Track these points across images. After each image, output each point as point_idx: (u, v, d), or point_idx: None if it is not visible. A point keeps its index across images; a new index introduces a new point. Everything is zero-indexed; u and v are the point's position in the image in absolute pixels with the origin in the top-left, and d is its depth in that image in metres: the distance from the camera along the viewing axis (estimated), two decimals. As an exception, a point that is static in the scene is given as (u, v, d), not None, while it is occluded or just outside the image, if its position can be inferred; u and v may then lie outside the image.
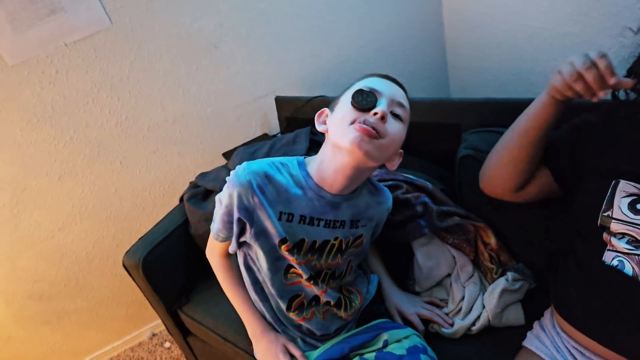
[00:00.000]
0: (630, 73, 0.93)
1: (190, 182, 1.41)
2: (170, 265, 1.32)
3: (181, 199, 1.39)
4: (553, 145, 0.96)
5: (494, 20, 1.60)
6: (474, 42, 1.73)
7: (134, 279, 1.31)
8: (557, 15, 1.40)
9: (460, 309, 1.06)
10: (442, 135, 1.30)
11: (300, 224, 0.92)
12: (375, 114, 0.84)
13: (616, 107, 0.95)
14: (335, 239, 0.95)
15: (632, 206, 0.82)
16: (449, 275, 1.12)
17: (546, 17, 1.44)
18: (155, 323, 1.87)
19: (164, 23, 1.41)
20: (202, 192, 1.36)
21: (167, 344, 1.84)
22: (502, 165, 0.98)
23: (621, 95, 0.95)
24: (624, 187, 0.84)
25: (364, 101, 0.85)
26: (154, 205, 1.62)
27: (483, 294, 1.06)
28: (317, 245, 0.93)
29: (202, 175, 1.40)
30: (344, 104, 0.88)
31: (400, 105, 0.89)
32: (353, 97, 0.85)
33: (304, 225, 0.92)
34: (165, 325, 1.43)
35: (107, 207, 1.58)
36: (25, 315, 1.61)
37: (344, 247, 0.97)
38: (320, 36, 1.66)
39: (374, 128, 0.83)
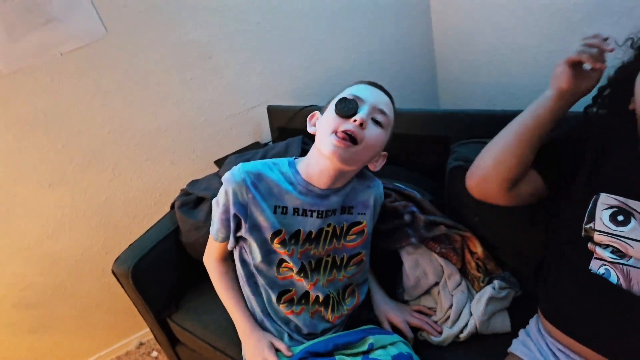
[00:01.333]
0: (610, 83, 0.97)
1: (182, 190, 1.42)
2: (160, 274, 1.32)
3: (172, 207, 1.39)
4: (545, 148, 0.98)
5: (482, 37, 1.65)
6: (463, 58, 1.78)
7: (123, 287, 1.30)
8: (543, 33, 1.45)
9: (449, 317, 1.07)
10: (431, 147, 1.33)
11: (295, 215, 0.99)
12: (355, 120, 0.91)
13: (594, 120, 0.99)
14: (329, 225, 1.02)
15: (613, 218, 0.85)
16: (437, 283, 1.13)
17: (533, 34, 1.48)
18: (143, 332, 1.85)
19: (158, 33, 1.43)
20: (193, 200, 1.36)
21: (155, 354, 1.83)
22: (497, 162, 0.97)
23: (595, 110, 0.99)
24: (605, 199, 0.86)
25: (346, 108, 0.93)
26: (145, 213, 1.62)
27: (470, 301, 1.08)
28: (313, 235, 1.01)
29: (194, 183, 1.41)
30: (330, 110, 0.96)
31: (382, 112, 0.96)
32: (336, 105, 0.94)
33: (297, 216, 0.99)
34: (153, 333, 1.42)
35: (97, 214, 1.57)
36: (11, 323, 1.59)
37: (338, 232, 1.04)
38: (314, 48, 1.69)
39: (352, 135, 0.90)
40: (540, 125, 0.94)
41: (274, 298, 1.02)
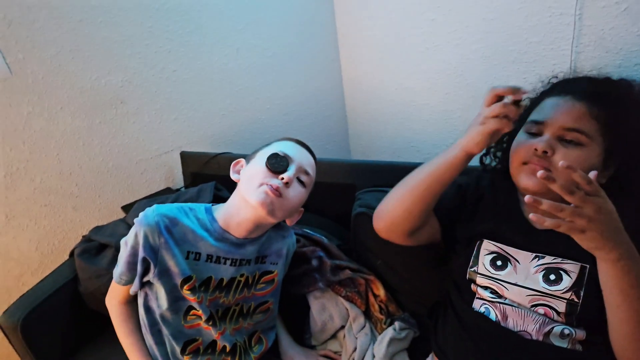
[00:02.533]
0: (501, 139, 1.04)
1: (83, 236, 1.35)
2: (54, 327, 1.22)
3: (71, 254, 1.31)
4: (442, 199, 1.01)
5: (387, 94, 1.80)
6: (371, 112, 1.91)
7: (10, 342, 1.19)
8: (438, 94, 1.62)
9: (353, 360, 1.10)
10: (340, 194, 1.39)
11: (208, 262, 0.99)
12: (282, 178, 0.96)
13: (483, 173, 1.10)
14: (242, 275, 1.03)
15: (493, 263, 0.94)
16: (343, 327, 1.16)
17: (430, 94, 1.65)
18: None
19: (68, 76, 1.39)
20: (95, 247, 1.30)
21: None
22: (406, 211, 0.98)
23: (487, 161, 1.11)
24: (487, 245, 0.96)
25: (277, 164, 0.98)
26: (40, 262, 1.50)
27: (373, 343, 1.12)
28: (224, 283, 1.01)
29: (97, 229, 1.35)
30: (259, 162, 0.99)
31: (306, 172, 1.03)
32: (268, 159, 0.98)
33: (210, 263, 0.99)
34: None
35: (-15, 264, 1.44)
36: None
37: (250, 281, 1.05)
38: (231, 98, 1.74)
39: (277, 190, 0.95)
40: (445, 179, 0.95)
41: (177, 349, 0.99)
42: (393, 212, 1.01)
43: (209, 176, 1.46)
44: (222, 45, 1.66)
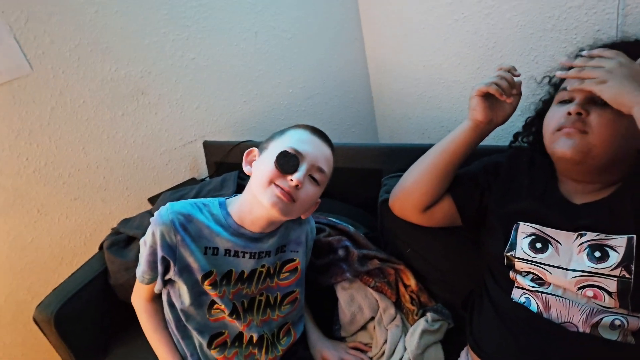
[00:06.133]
0: (537, 114, 1.02)
1: (112, 229, 1.36)
2: (86, 319, 1.24)
3: (101, 247, 1.33)
4: (461, 178, 1.03)
5: (413, 73, 1.71)
6: (398, 92, 1.84)
7: (45, 335, 1.22)
8: (468, 69, 1.53)
9: (384, 353, 1.07)
10: (365, 180, 1.35)
11: (226, 256, 0.97)
12: (292, 180, 0.91)
13: (519, 151, 1.04)
14: (263, 266, 1.01)
15: (532, 245, 0.88)
16: (372, 318, 1.13)
17: (459, 71, 1.56)
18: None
19: (88, 69, 1.39)
20: (124, 240, 1.31)
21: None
22: (415, 183, 1.04)
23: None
24: (524, 228, 0.90)
25: (286, 165, 0.92)
26: (73, 254, 1.53)
27: (405, 335, 1.08)
28: (245, 275, 0.99)
29: (125, 221, 1.36)
30: (269, 157, 0.94)
31: (320, 170, 0.96)
32: (277, 158, 0.92)
33: (229, 257, 0.97)
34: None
35: (22, 257, 1.47)
36: None
37: (272, 271, 1.03)
38: (251, 83, 1.70)
39: (289, 194, 0.91)
40: (454, 154, 0.99)
41: (204, 344, 0.98)
42: (404, 184, 1.06)
43: (232, 165, 1.44)
44: (240, 30, 1.62)
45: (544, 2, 1.26)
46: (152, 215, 0.97)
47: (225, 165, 1.52)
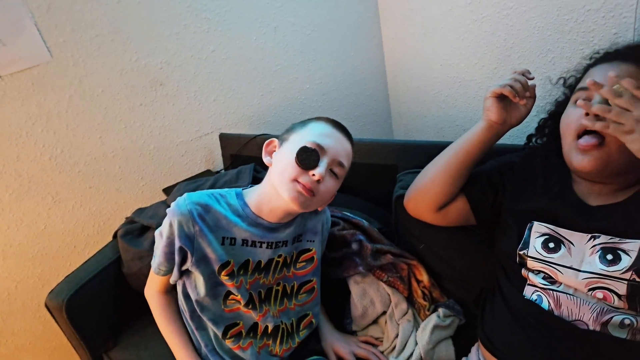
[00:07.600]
0: (550, 116, 1.02)
1: (127, 218, 1.37)
2: (97, 307, 1.24)
3: (115, 235, 1.34)
4: (475, 178, 1.03)
5: (430, 72, 1.71)
6: (414, 91, 1.84)
7: (57, 322, 1.22)
8: (485, 69, 1.53)
9: (395, 347, 1.06)
10: (380, 175, 1.34)
11: (244, 246, 0.97)
12: (314, 175, 0.91)
13: (534, 150, 1.04)
14: (279, 256, 1.01)
15: (544, 245, 0.88)
16: (384, 312, 1.13)
17: (476, 70, 1.56)
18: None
19: (108, 58, 1.40)
20: (138, 229, 1.31)
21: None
22: (429, 182, 1.05)
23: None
24: (537, 227, 0.90)
25: (307, 160, 0.92)
26: (86, 243, 1.54)
27: (416, 330, 1.07)
28: (262, 264, 0.99)
29: (140, 210, 1.36)
30: (290, 150, 0.93)
31: (340, 164, 0.97)
32: (297, 154, 0.91)
33: (246, 247, 0.97)
34: (88, 372, 1.33)
35: (34, 244, 1.48)
36: None
37: (289, 261, 1.03)
38: (269, 78, 1.71)
39: (311, 190, 0.91)
40: (469, 154, 0.99)
41: (219, 333, 0.98)
42: (419, 184, 1.07)
43: (248, 158, 1.45)
44: (260, 24, 1.63)
45: (562, 5, 1.25)
46: (167, 206, 0.97)
47: (240, 158, 1.52)
